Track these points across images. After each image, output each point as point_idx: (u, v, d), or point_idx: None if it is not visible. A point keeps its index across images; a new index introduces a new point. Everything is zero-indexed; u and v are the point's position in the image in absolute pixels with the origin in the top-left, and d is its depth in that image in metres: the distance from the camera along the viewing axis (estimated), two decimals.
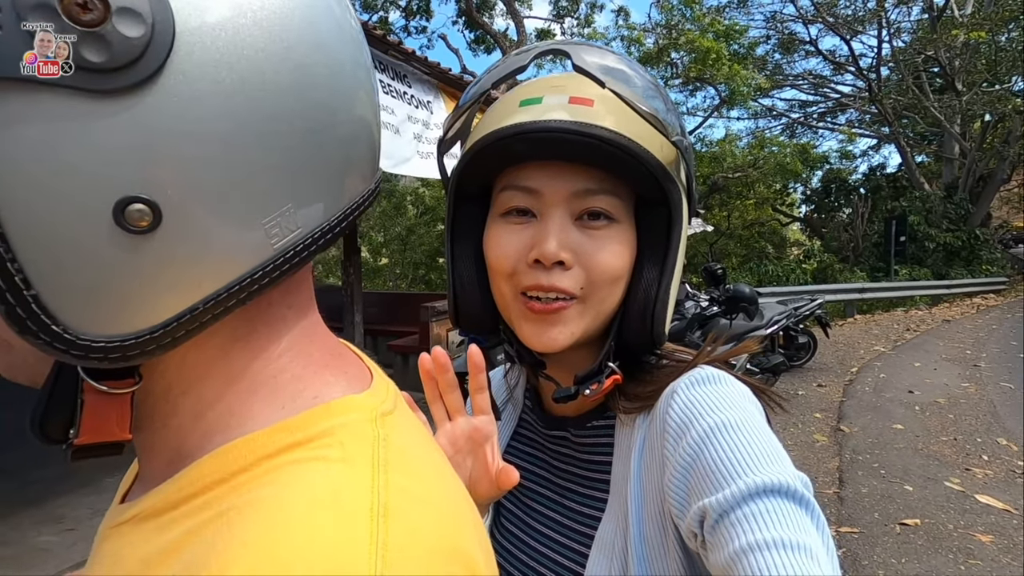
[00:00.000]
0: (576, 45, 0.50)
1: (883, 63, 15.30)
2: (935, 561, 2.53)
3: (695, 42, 12.47)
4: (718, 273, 5.08)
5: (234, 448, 0.28)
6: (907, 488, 3.25)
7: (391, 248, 16.59)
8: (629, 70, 0.50)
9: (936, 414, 4.58)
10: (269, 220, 0.28)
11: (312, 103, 0.28)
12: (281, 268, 0.29)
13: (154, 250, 0.25)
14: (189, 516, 0.27)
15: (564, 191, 0.50)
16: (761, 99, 17.40)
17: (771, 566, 0.36)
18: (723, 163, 15.04)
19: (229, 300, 0.27)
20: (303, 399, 0.30)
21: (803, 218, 20.24)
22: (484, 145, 0.50)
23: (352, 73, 0.31)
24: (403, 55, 3.85)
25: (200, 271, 0.26)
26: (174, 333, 0.27)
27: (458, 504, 0.32)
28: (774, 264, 13.15)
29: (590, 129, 0.46)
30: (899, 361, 6.54)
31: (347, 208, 0.32)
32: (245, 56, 0.25)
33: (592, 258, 0.50)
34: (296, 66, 0.27)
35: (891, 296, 11.02)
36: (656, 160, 0.48)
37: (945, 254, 13.22)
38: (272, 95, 0.26)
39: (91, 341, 0.25)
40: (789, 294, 8.31)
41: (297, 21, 0.27)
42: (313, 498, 0.25)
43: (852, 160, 20.02)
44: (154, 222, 0.24)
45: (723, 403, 0.47)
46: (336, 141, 0.30)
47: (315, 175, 0.29)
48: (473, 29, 14.77)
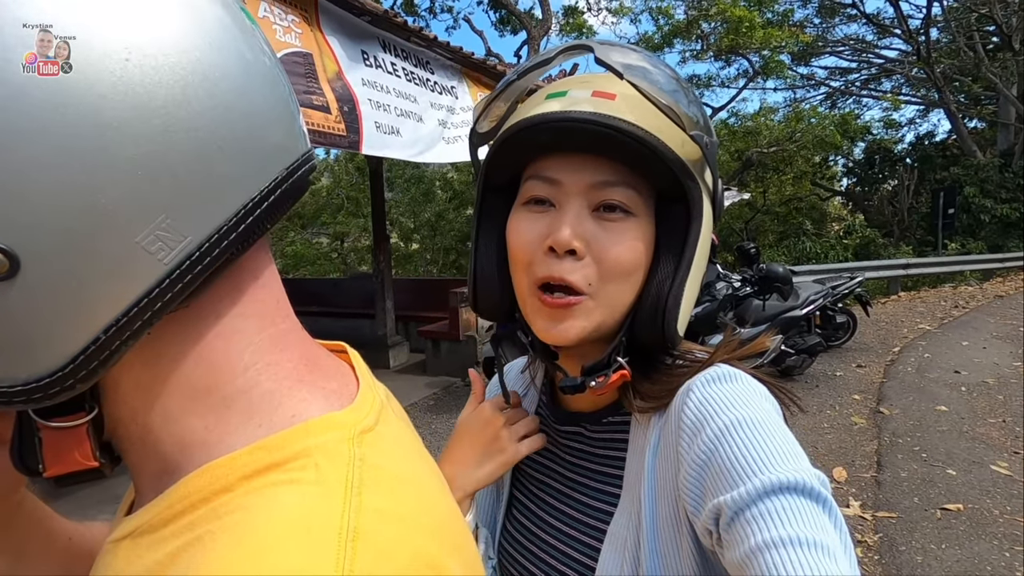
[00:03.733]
0: (600, 43, 0.51)
1: (933, 24, 14.40)
2: (978, 547, 2.45)
3: (726, 12, 11.99)
4: (751, 252, 4.94)
5: (217, 467, 0.29)
6: (950, 472, 3.14)
7: (421, 234, 16.71)
8: (651, 67, 0.50)
9: (984, 395, 4.39)
10: (143, 237, 0.26)
11: (158, 101, 0.26)
12: (183, 279, 0.27)
13: (21, 294, 0.24)
14: (177, 535, 0.28)
15: (583, 182, 0.51)
16: (799, 68, 16.66)
17: (788, 564, 0.36)
18: (758, 138, 14.53)
19: (134, 323, 0.27)
20: (280, 416, 0.31)
21: (845, 191, 19.43)
22: (510, 135, 0.52)
23: (212, 55, 0.28)
24: (425, 41, 3.84)
25: (86, 303, 0.26)
26: (86, 365, 0.27)
27: (438, 520, 0.31)
28: (812, 241, 12.70)
29: (609, 120, 0.47)
30: (945, 340, 6.26)
31: (248, 204, 0.29)
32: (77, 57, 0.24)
33: (605, 250, 0.51)
34: (135, 64, 0.25)
35: (938, 272, 10.50)
36: (674, 155, 0.49)
37: (1002, 226, 12.49)
38: (109, 105, 0.25)
39: (8, 388, 0.26)
40: (828, 272, 8.03)
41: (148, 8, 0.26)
42: (283, 523, 0.26)
43: (897, 129, 19.06)
44: (12, 267, 0.24)
45: (739, 401, 0.47)
46: (201, 137, 0.27)
47: (183, 178, 0.27)
48: (497, 9, 14.57)
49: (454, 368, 5.64)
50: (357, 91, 3.15)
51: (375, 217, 6.57)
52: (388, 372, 5.91)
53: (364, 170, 6.75)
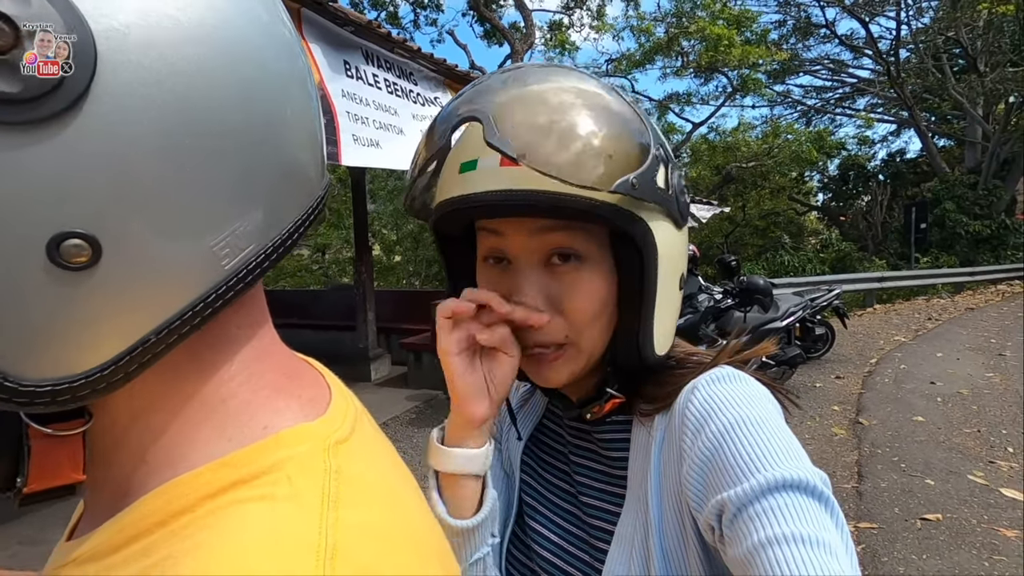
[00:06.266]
0: (500, 101, 0.45)
1: (902, 45, 14.92)
2: (958, 557, 2.47)
3: (706, 30, 12.28)
4: (732, 265, 5.01)
5: (175, 486, 0.27)
6: (928, 482, 3.18)
7: (404, 246, 16.65)
8: (566, 117, 0.45)
9: (959, 405, 4.48)
10: (218, 242, 0.26)
11: (254, 117, 0.27)
12: (235, 288, 0.28)
13: (96, 285, 0.23)
14: (129, 562, 0.25)
15: (526, 230, 0.51)
16: (775, 86, 17.08)
17: (789, 560, 0.36)
18: (736, 153, 14.83)
19: (183, 327, 0.26)
20: (251, 429, 0.29)
21: (820, 206, 19.89)
22: (440, 214, 0.53)
23: (289, 84, 0.30)
24: (408, 52, 3.84)
25: (149, 301, 0.25)
26: (127, 368, 0.25)
27: (417, 532, 0.30)
28: (790, 254, 12.95)
29: (519, 197, 0.46)
30: (920, 351, 6.40)
31: (297, 220, 0.31)
32: (178, 72, 0.24)
33: (568, 303, 0.51)
34: (236, 80, 0.26)
35: (912, 285, 10.78)
36: (602, 203, 0.45)
37: (973, 241, 12.88)
38: (211, 111, 0.25)
39: (35, 387, 0.24)
40: (806, 285, 8.18)
41: (232, 34, 0.26)
42: (254, 543, 0.24)
43: (871, 146, 19.63)
44: (94, 257, 0.23)
45: (742, 400, 0.47)
46: (281, 155, 0.29)
47: (262, 191, 0.28)
48: (482, 23, 14.70)
49: (436, 381, 5.55)
50: (336, 103, 3.14)
51: (357, 229, 6.52)
52: (369, 385, 5.82)
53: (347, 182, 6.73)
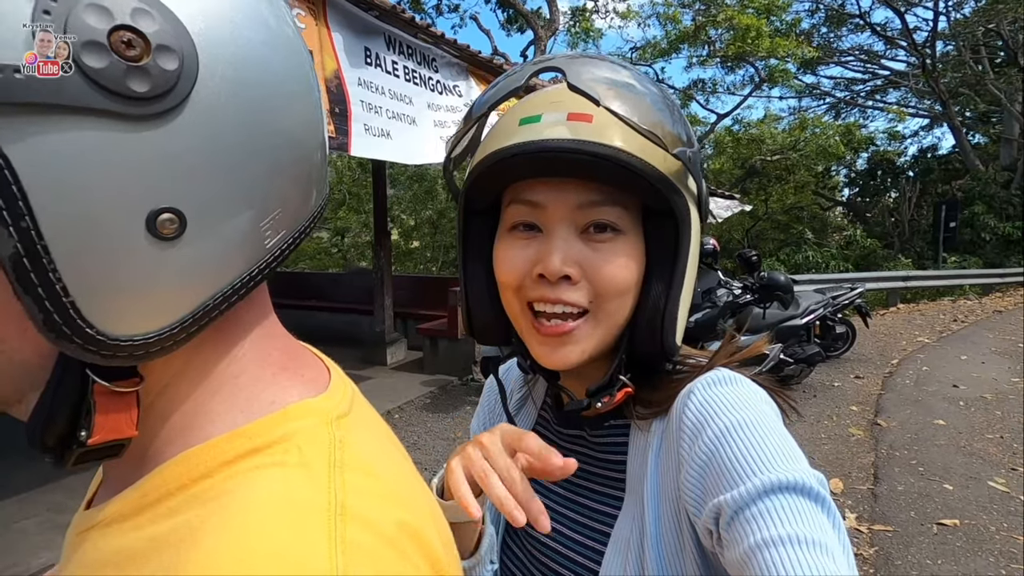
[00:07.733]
0: (572, 59, 0.49)
1: (939, 37, 14.41)
2: (974, 564, 2.43)
3: (734, 19, 12.00)
4: (752, 260, 4.93)
5: (196, 454, 0.30)
6: (947, 487, 3.13)
7: (422, 231, 16.71)
8: (630, 81, 0.49)
9: (982, 410, 4.38)
10: (266, 222, 0.31)
11: (296, 120, 0.32)
12: (271, 265, 0.32)
13: (179, 253, 0.28)
14: (153, 523, 0.28)
15: (567, 204, 0.51)
16: (804, 77, 16.65)
17: (786, 562, 0.36)
18: (761, 145, 14.53)
19: (232, 296, 0.31)
20: (260, 403, 0.32)
21: (846, 202, 19.45)
22: (486, 166, 0.51)
23: (311, 91, 0.35)
24: (432, 38, 3.82)
25: (213, 271, 0.29)
26: (188, 328, 0.29)
27: (416, 498, 0.33)
28: (813, 250, 12.71)
29: (588, 146, 0.47)
30: (944, 353, 6.26)
31: (314, 212, 0.35)
32: (250, 85, 0.29)
33: (599, 272, 0.50)
34: (285, 91, 0.31)
35: (938, 285, 10.52)
36: (658, 172, 0.48)
37: (1003, 244, 12.49)
38: (271, 113, 0.30)
39: (119, 341, 0.27)
40: (828, 282, 8.03)
41: (281, 55, 0.31)
42: (272, 503, 0.27)
43: (901, 141, 19.09)
44: (180, 229, 0.27)
45: (739, 403, 0.47)
46: (310, 153, 0.34)
47: (298, 182, 0.33)
48: (505, 8, 14.54)
49: (452, 367, 5.60)
50: (351, 91, 3.14)
51: (376, 213, 6.56)
52: (385, 369, 5.85)
53: (366, 166, 6.76)
